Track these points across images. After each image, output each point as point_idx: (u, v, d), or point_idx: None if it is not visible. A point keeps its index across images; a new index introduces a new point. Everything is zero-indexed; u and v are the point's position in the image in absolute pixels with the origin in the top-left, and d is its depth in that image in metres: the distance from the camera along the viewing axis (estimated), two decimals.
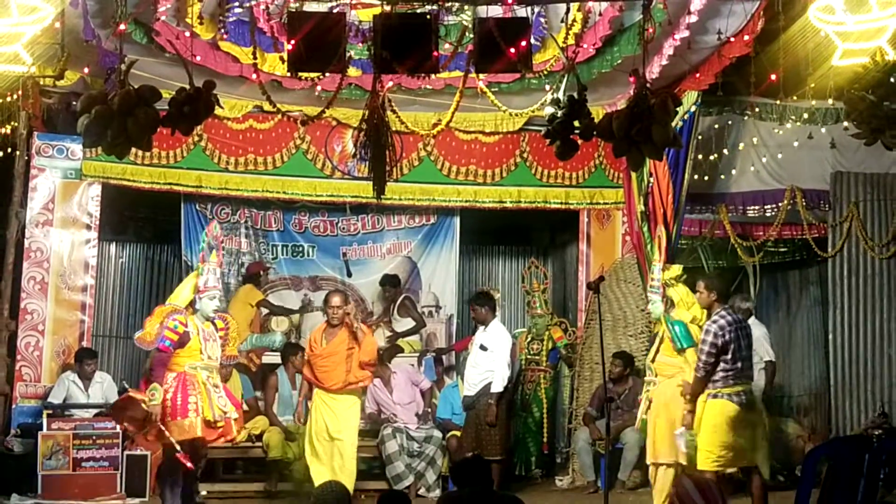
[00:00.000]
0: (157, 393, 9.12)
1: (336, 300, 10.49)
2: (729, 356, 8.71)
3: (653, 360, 9.87)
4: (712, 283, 9.17)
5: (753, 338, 11.63)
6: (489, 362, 11.24)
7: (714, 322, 8.81)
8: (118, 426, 10.40)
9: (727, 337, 8.71)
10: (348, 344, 10.32)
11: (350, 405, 10.46)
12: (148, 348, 9.55)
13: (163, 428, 9.14)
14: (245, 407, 11.13)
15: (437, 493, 11.33)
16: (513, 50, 8.25)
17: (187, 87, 7.58)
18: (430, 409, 11.96)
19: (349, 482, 9.96)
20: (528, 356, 12.42)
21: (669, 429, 9.45)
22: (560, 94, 8.22)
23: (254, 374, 12.26)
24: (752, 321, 11.80)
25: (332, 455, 10.32)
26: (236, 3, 10.59)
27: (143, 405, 9.13)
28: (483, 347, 11.33)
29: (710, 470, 8.63)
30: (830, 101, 11.00)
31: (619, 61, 10.57)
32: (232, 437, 9.81)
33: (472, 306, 11.90)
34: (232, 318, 10.08)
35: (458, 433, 11.47)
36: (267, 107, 10.71)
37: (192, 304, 9.44)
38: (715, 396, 8.74)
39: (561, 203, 12.97)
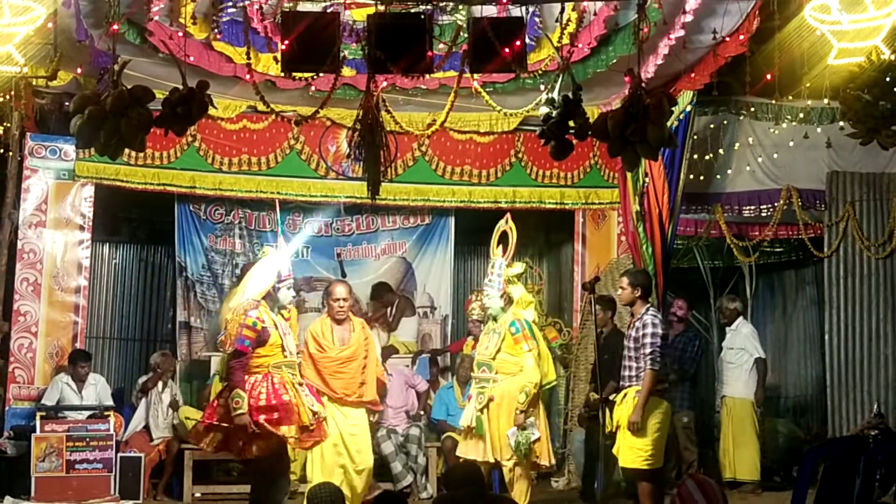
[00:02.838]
0: (242, 401, 8.35)
1: (341, 291, 9.57)
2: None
3: (493, 358, 9.59)
4: (636, 279, 9.08)
5: (741, 336, 11.76)
6: None
7: (654, 316, 8.80)
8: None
9: (663, 332, 8.79)
10: (364, 352, 9.45)
11: (363, 413, 9.57)
12: (229, 351, 8.75)
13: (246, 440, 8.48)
14: None
15: (426, 494, 11.32)
16: (507, 50, 8.22)
17: (181, 87, 7.54)
18: (423, 412, 11.92)
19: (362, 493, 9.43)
20: None
21: (508, 428, 9.44)
22: (555, 94, 8.17)
23: None
24: (739, 320, 11.88)
25: (335, 463, 9.32)
26: (230, 3, 10.53)
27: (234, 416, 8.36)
28: None
29: (640, 468, 8.65)
30: (826, 100, 11.01)
31: (614, 61, 10.55)
32: (323, 437, 8.97)
33: None
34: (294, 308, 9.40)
35: (454, 434, 11.45)
36: (261, 107, 10.65)
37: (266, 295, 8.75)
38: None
39: (556, 203, 12.94)
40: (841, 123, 10.60)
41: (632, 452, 8.75)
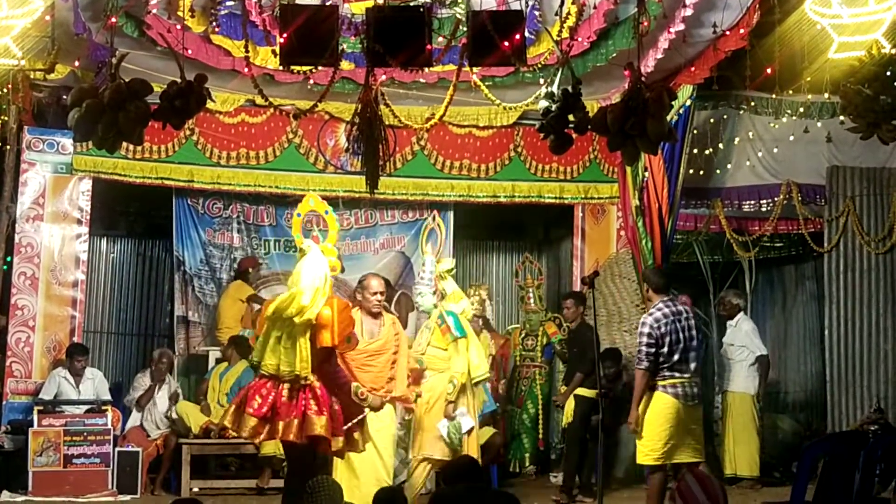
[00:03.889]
0: (365, 390, 8.32)
1: (377, 284, 9.23)
2: (665, 349, 8.56)
3: (423, 353, 9.59)
4: (643, 276, 9.04)
5: (742, 332, 11.71)
6: None
7: (650, 315, 8.67)
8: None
9: (662, 329, 8.56)
10: (394, 347, 9.12)
11: (390, 409, 9.31)
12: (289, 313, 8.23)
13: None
14: None
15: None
16: (507, 43, 8.20)
17: (179, 80, 7.52)
18: None
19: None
20: (523, 352, 12.39)
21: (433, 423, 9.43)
22: (554, 88, 8.13)
23: None
24: (740, 316, 11.84)
25: (367, 461, 9.02)
26: None
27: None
28: None
29: (649, 464, 8.54)
30: (826, 95, 11.00)
31: (614, 55, 10.53)
32: None
33: None
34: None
35: None
36: (259, 101, 10.65)
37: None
38: (653, 389, 8.62)
39: (555, 198, 12.93)
40: (841, 118, 10.56)
41: (639, 447, 8.69)
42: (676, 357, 8.60)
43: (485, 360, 10.06)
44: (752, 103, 12.01)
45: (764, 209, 12.40)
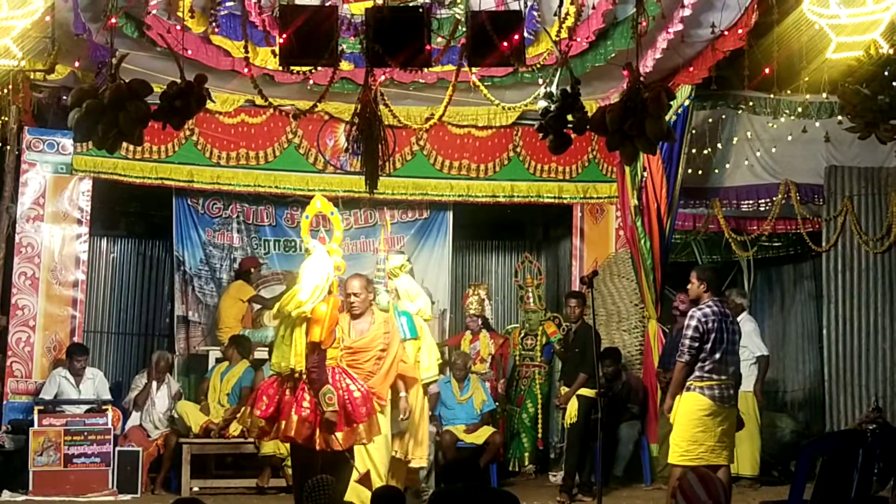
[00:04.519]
0: (334, 396, 8.22)
1: (354, 285, 9.06)
2: (708, 345, 8.38)
3: None
4: (703, 274, 8.92)
5: (744, 332, 11.64)
6: None
7: (699, 309, 8.51)
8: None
9: (710, 325, 8.38)
10: (382, 345, 9.07)
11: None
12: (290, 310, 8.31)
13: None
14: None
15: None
16: (506, 43, 8.22)
17: (179, 81, 7.54)
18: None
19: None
20: (522, 351, 12.40)
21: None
22: (553, 88, 8.15)
23: None
24: (743, 316, 11.82)
25: (359, 461, 8.97)
26: None
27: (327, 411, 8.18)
28: None
29: (679, 465, 8.45)
30: (824, 94, 11.01)
31: (613, 55, 10.55)
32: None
33: None
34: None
35: (451, 429, 11.43)
36: (259, 101, 10.66)
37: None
38: (688, 389, 8.45)
39: (554, 197, 12.94)
40: (839, 118, 10.59)
41: (670, 447, 8.58)
42: (718, 356, 8.40)
43: (435, 362, 10.04)
44: (751, 103, 12.03)
45: (762, 209, 12.41)
